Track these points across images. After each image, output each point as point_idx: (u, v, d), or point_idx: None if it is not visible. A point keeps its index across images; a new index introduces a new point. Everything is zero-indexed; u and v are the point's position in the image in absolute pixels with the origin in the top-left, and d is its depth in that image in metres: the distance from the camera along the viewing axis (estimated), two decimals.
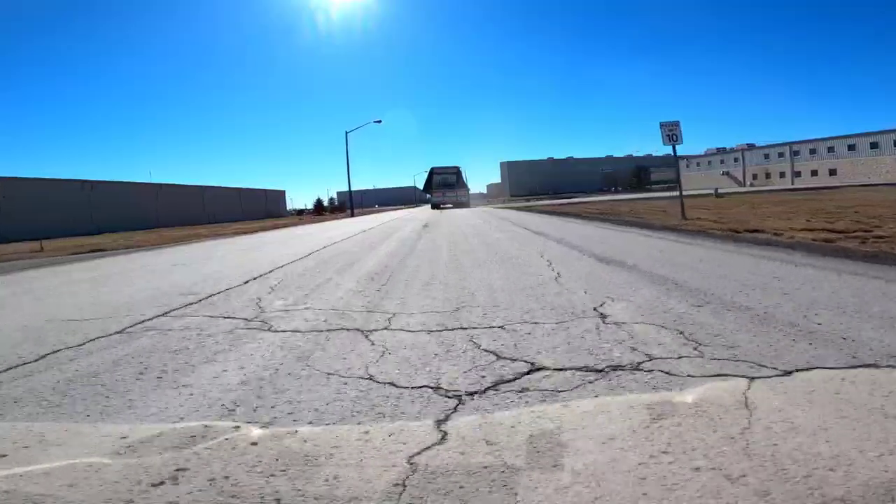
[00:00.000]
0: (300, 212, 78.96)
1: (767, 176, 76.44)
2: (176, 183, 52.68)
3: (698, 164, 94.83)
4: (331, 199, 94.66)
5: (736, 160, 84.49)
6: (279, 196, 79.12)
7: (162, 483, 1.63)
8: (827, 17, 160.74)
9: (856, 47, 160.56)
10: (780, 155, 75.47)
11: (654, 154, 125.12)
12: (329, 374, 2.65)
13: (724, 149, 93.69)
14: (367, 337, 3.32)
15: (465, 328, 3.40)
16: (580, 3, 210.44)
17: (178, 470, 1.71)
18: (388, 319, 3.77)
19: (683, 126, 12.19)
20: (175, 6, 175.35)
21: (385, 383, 2.47)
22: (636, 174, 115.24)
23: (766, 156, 78.51)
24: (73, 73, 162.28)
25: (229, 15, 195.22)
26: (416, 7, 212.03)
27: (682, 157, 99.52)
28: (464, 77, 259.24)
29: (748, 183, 77.19)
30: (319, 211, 72.60)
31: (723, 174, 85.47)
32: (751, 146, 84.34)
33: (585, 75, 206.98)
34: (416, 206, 77.03)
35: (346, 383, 2.50)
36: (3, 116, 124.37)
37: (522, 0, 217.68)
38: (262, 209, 65.07)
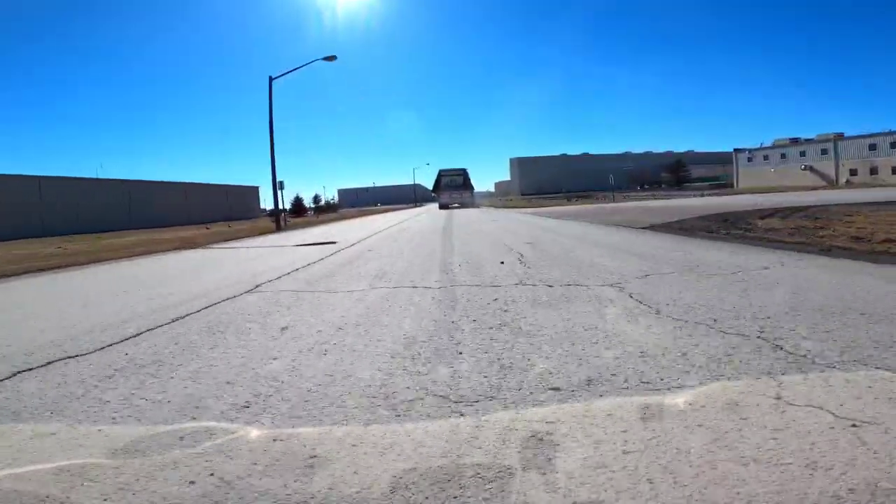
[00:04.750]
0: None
1: (873, 172, 59.63)
2: (67, 176, 38.09)
3: (765, 158, 77.58)
4: (315, 198, 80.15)
5: (824, 152, 67.47)
6: (251, 193, 64.62)
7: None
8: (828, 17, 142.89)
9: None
10: (894, 145, 58.60)
11: (675, 150, 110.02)
12: None
13: (797, 139, 76.19)
14: None
15: None
16: (587, 2, 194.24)
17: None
18: None
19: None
20: (169, 6, 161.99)
21: None
22: (673, 170, 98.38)
23: (873, 146, 61.48)
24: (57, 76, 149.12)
25: (230, 14, 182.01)
26: (418, 5, 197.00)
27: (740, 151, 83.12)
28: (466, 76, 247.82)
29: (843, 180, 60.57)
30: (299, 212, 57.99)
31: (804, 169, 68.72)
32: (839, 135, 67.34)
33: (594, 74, 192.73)
34: (418, 206, 63.64)
35: None
36: None
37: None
38: (219, 209, 51.01)
